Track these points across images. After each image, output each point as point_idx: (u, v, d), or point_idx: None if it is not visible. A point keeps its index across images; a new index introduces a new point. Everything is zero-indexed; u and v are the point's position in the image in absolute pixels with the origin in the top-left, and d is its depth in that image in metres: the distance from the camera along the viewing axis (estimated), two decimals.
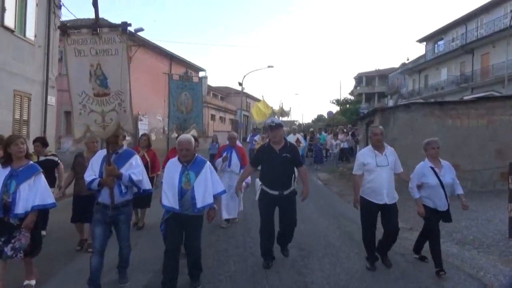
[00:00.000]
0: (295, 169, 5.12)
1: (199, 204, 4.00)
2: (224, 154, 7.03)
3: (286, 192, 4.91)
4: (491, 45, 27.84)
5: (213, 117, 39.06)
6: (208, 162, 4.24)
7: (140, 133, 22.69)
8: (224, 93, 47.85)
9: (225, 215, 6.97)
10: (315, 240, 6.12)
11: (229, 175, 7.02)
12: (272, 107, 21.30)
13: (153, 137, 23.52)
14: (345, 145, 18.90)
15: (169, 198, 4.01)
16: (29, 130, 12.23)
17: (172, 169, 4.13)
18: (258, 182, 5.09)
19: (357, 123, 18.38)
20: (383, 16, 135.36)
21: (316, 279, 4.46)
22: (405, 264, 4.98)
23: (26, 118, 12.12)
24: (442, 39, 36.13)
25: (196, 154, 4.20)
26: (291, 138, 13.10)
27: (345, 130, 22.07)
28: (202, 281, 4.37)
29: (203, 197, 4.03)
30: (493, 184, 10.91)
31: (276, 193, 4.89)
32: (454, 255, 5.31)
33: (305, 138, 17.83)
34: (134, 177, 4.07)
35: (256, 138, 17.51)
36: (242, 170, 6.49)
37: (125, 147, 4.33)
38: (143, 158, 6.44)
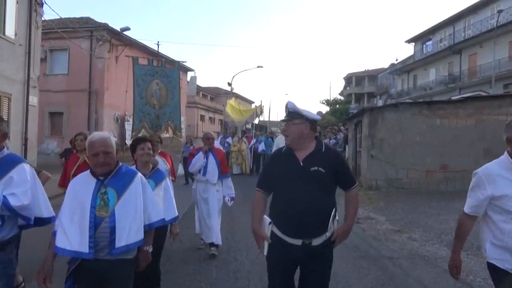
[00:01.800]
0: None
1: (120, 243, 2.41)
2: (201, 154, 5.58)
3: (317, 243, 2.63)
4: (478, 45, 28.07)
5: (202, 117, 38.80)
6: (139, 174, 2.67)
7: (128, 135, 22.40)
8: (214, 93, 47.62)
9: (198, 230, 5.79)
10: None
11: (204, 187, 5.51)
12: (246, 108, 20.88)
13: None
14: None
15: (70, 235, 2.38)
16: (9, 131, 11.87)
17: (80, 187, 2.53)
18: (266, 220, 2.73)
19: (346, 123, 18.25)
20: (372, 17, 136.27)
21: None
22: (393, 268, 4.82)
23: (6, 119, 11.75)
24: (430, 39, 36.35)
25: (120, 163, 2.63)
26: (281, 140, 12.45)
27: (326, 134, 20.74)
28: None
29: (128, 230, 2.44)
30: None
31: (299, 243, 2.62)
32: (443, 258, 5.16)
33: None
34: (14, 202, 2.47)
35: (229, 140, 16.14)
36: (224, 182, 5.59)
37: (6, 150, 2.69)
38: (82, 165, 4.63)
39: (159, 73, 5.60)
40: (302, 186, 2.59)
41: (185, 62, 24.06)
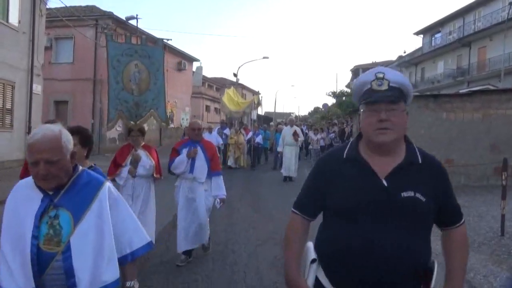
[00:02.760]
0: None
1: None
2: (186, 152, 4.65)
3: None
4: (488, 38, 27.60)
5: (207, 108, 38.71)
6: (107, 185, 1.84)
7: None
8: (220, 84, 47.42)
9: (182, 247, 4.62)
10: None
11: (190, 185, 4.69)
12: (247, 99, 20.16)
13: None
14: (321, 142, 16.32)
15: (15, 273, 1.64)
16: (13, 119, 11.90)
17: (20, 202, 1.75)
18: (308, 253, 1.75)
19: (352, 116, 18.10)
20: (380, 8, 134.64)
21: None
22: None
23: (10, 107, 11.79)
24: (439, 31, 35.81)
25: (79, 167, 1.85)
26: (288, 131, 12.05)
27: (322, 128, 19.38)
28: (176, 281, 4.13)
29: (93, 269, 1.68)
30: (487, 179, 10.72)
31: None
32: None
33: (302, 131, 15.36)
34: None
35: (227, 131, 15.21)
36: (214, 180, 4.74)
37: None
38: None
39: (139, 52, 4.56)
40: (382, 221, 1.55)
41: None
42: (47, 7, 14.57)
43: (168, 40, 24.49)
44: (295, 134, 11.86)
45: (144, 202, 4.60)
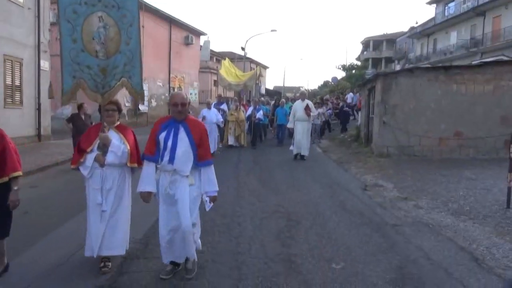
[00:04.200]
0: None
1: None
2: (164, 135, 3.50)
3: None
4: (504, 6, 26.69)
5: (216, 83, 38.49)
6: None
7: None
8: (228, 58, 46.95)
9: (165, 258, 3.69)
10: (305, 210, 5.94)
11: (170, 179, 3.50)
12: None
13: (153, 103, 23.27)
14: (316, 121, 14.41)
15: None
16: (22, 95, 12.01)
17: None
18: None
19: (360, 89, 17.86)
20: None
21: (300, 251, 4.30)
22: (396, 236, 4.79)
23: (19, 84, 11.88)
24: (453, 0, 34.68)
25: None
26: (299, 105, 11.10)
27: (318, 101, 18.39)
28: None
29: None
30: (496, 152, 10.61)
31: None
32: (448, 226, 5.11)
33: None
34: None
35: (224, 107, 14.01)
36: (203, 172, 3.56)
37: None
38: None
39: (104, 1, 3.45)
40: None
41: (209, 41, 21.69)
42: None
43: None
44: (307, 108, 10.96)
45: (117, 198, 3.72)
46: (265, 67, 56.14)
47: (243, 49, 33.31)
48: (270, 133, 16.61)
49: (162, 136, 3.48)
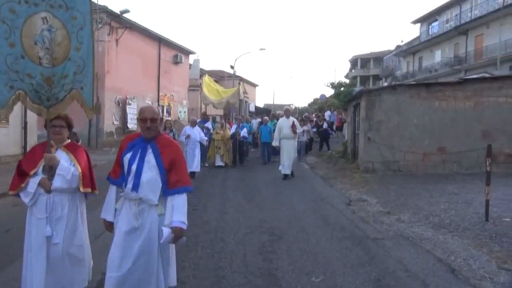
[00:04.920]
0: None
1: None
2: (129, 155, 2.96)
3: None
4: (485, 26, 27.53)
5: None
6: None
7: (131, 118, 22.41)
8: (218, 76, 47.26)
9: None
10: (288, 225, 5.99)
11: (136, 210, 2.89)
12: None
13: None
14: (302, 138, 14.15)
15: None
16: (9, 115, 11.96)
17: None
18: None
19: (347, 106, 18.13)
20: None
21: (281, 265, 4.33)
22: (376, 249, 4.86)
23: None
24: (436, 20, 35.72)
25: None
26: (284, 123, 10.55)
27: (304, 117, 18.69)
28: None
29: None
30: (479, 167, 10.76)
31: None
32: (428, 239, 5.19)
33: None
34: None
35: (208, 125, 13.55)
36: (172, 201, 2.87)
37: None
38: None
39: (48, 0, 3.00)
40: None
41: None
42: None
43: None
44: (293, 126, 10.49)
45: (69, 229, 3.11)
46: (254, 85, 56.66)
47: (232, 67, 33.72)
48: (254, 152, 16.42)
49: (127, 157, 2.95)
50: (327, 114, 25.18)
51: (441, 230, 5.57)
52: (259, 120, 17.82)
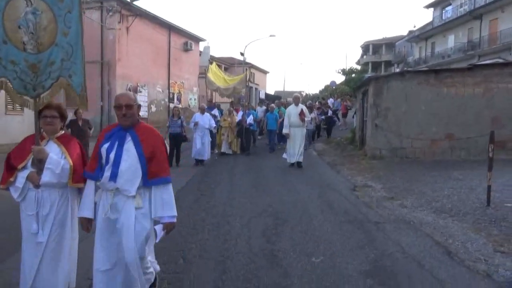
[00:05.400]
0: None
1: None
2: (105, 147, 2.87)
3: None
4: (500, 10, 26.98)
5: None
6: None
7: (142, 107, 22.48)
8: (228, 63, 47.32)
9: None
10: (293, 209, 6.17)
11: (112, 201, 2.82)
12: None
13: (153, 109, 23.56)
14: (309, 126, 13.33)
15: None
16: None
17: None
18: None
19: (356, 92, 18.10)
20: None
21: (284, 247, 4.52)
22: (376, 232, 5.01)
23: None
24: (450, 4, 35.02)
25: None
26: (293, 110, 10.39)
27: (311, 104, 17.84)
28: (172, 249, 4.46)
29: None
30: (488, 153, 10.79)
31: None
32: (428, 223, 5.32)
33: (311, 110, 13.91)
34: None
35: (215, 112, 13.24)
36: (155, 192, 2.83)
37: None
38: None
39: None
40: None
41: (209, 47, 21.29)
42: None
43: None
44: (301, 113, 10.27)
45: (57, 226, 2.96)
46: (265, 72, 56.49)
47: (242, 54, 33.66)
48: (260, 140, 16.35)
49: (104, 147, 2.83)
50: (330, 101, 25.11)
51: (442, 215, 5.69)
52: (264, 107, 17.65)
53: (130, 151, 2.81)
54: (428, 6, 38.06)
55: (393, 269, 3.88)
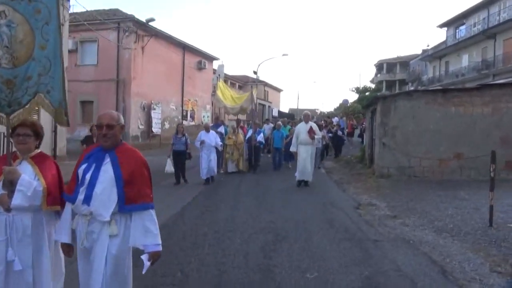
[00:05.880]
0: None
1: None
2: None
3: None
4: None
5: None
6: None
7: (155, 123, 23.12)
8: (242, 81, 47.95)
9: None
10: (294, 226, 6.23)
11: (88, 228, 2.63)
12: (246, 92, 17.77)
13: (166, 125, 23.98)
14: (318, 144, 12.78)
15: None
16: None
17: None
18: None
19: (365, 111, 18.14)
20: (404, 1, 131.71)
21: (280, 262, 4.59)
22: (374, 250, 5.04)
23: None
24: (463, 24, 35.02)
25: None
26: (302, 128, 10.24)
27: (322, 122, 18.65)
28: (172, 263, 4.58)
29: None
30: (498, 173, 10.58)
31: None
32: (427, 242, 5.32)
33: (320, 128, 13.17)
34: None
35: (221, 129, 13.11)
36: (135, 218, 2.63)
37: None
38: None
39: None
40: None
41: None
42: (71, 11, 15.40)
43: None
44: (310, 131, 10.06)
45: (33, 252, 2.74)
46: (279, 90, 56.98)
47: (255, 73, 34.14)
48: (265, 157, 15.88)
49: (82, 168, 2.69)
50: (335, 120, 25.05)
51: (442, 234, 5.68)
52: (272, 125, 17.18)
53: (107, 172, 2.63)
54: (441, 26, 38.10)
55: (385, 286, 3.92)
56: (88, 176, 2.64)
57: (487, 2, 30.79)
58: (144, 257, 2.59)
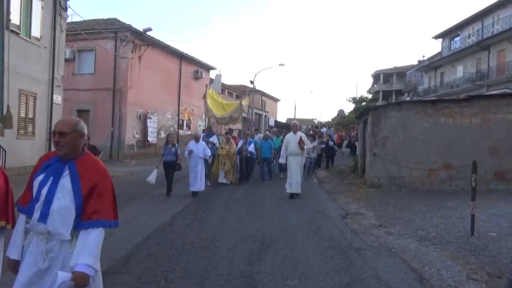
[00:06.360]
0: None
1: None
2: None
3: None
4: (507, 41, 27.20)
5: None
6: None
7: (151, 132, 23.26)
8: (239, 91, 48.24)
9: None
10: (281, 234, 6.34)
11: (45, 246, 2.34)
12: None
13: (162, 134, 24.10)
14: (312, 154, 13.49)
15: None
16: (34, 127, 12.86)
17: None
18: None
19: (357, 121, 18.32)
20: (399, 12, 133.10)
21: (263, 270, 4.69)
22: (355, 259, 5.13)
23: (32, 116, 12.76)
24: (458, 35, 35.46)
25: None
26: (291, 138, 10.13)
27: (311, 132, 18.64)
28: (157, 270, 4.68)
29: None
30: (487, 184, 10.81)
31: None
32: (409, 251, 5.43)
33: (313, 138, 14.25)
34: None
35: (214, 139, 12.75)
36: (83, 236, 2.34)
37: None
38: None
39: None
40: None
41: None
42: (69, 21, 15.65)
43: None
44: (300, 141, 9.97)
45: None
46: (276, 100, 57.28)
47: (252, 82, 34.39)
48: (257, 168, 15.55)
49: (37, 180, 2.43)
50: (324, 130, 25.07)
51: (425, 243, 5.79)
52: (261, 135, 16.64)
53: (65, 187, 2.38)
54: (436, 37, 38.55)
55: None
56: (44, 191, 2.37)
57: (481, 14, 31.25)
58: (62, 273, 2.22)
